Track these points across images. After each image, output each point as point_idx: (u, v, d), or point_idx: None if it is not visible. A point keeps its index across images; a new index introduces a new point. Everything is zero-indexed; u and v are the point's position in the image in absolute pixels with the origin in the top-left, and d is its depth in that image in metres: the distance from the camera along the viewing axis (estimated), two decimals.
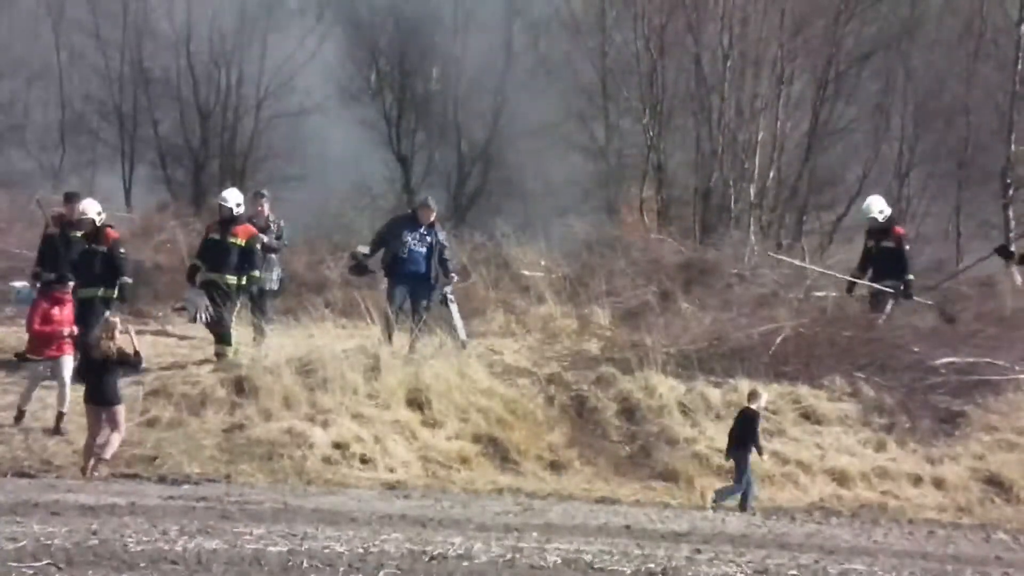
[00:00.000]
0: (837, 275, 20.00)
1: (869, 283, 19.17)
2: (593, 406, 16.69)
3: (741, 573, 11.13)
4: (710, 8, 30.86)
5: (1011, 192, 31.24)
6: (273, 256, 18.87)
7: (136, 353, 15.08)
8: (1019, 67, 31.22)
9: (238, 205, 17.86)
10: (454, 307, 18.59)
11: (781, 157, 31.39)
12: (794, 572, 11.34)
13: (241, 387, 16.30)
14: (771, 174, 30.93)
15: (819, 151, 32.64)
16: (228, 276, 17.36)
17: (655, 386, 16.84)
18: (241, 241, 17.50)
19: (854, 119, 33.70)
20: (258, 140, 38.13)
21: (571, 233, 28.10)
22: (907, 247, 19.05)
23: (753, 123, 30.66)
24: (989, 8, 32.63)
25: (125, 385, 15.64)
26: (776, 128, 30.96)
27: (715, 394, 16.87)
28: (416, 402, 16.39)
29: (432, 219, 18.23)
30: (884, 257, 18.94)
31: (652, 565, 11.12)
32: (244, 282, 17.53)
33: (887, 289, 18.75)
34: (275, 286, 18.93)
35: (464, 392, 16.50)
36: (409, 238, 18.05)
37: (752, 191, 30.18)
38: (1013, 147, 31.12)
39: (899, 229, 19.35)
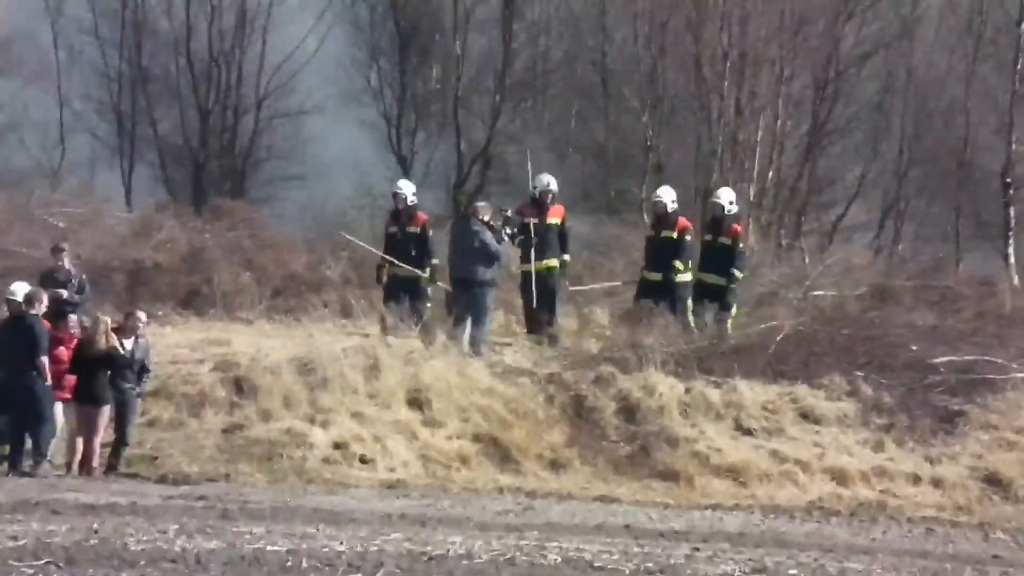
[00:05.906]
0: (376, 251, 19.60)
1: (402, 265, 19.04)
2: (593, 406, 16.66)
3: (740, 571, 11.14)
4: (710, 7, 30.89)
5: (1011, 192, 31.28)
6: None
7: (131, 352, 15.16)
8: (1019, 67, 31.28)
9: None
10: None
11: (781, 157, 31.42)
12: (793, 570, 11.35)
13: (241, 387, 16.26)
14: (771, 174, 30.96)
15: (819, 151, 32.69)
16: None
17: (654, 385, 16.81)
18: None
19: (854, 119, 33.75)
20: (258, 140, 38.17)
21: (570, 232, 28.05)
22: (430, 232, 19.05)
23: (753, 123, 30.70)
24: (989, 8, 32.68)
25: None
26: (776, 128, 30.99)
27: (715, 394, 16.83)
28: (416, 402, 16.36)
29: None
30: (407, 241, 18.91)
31: (651, 563, 11.13)
32: None
33: (420, 272, 18.75)
34: None
35: (464, 392, 16.47)
36: None
37: (752, 191, 30.19)
38: (1013, 146, 31.17)
39: (422, 215, 19.28)
